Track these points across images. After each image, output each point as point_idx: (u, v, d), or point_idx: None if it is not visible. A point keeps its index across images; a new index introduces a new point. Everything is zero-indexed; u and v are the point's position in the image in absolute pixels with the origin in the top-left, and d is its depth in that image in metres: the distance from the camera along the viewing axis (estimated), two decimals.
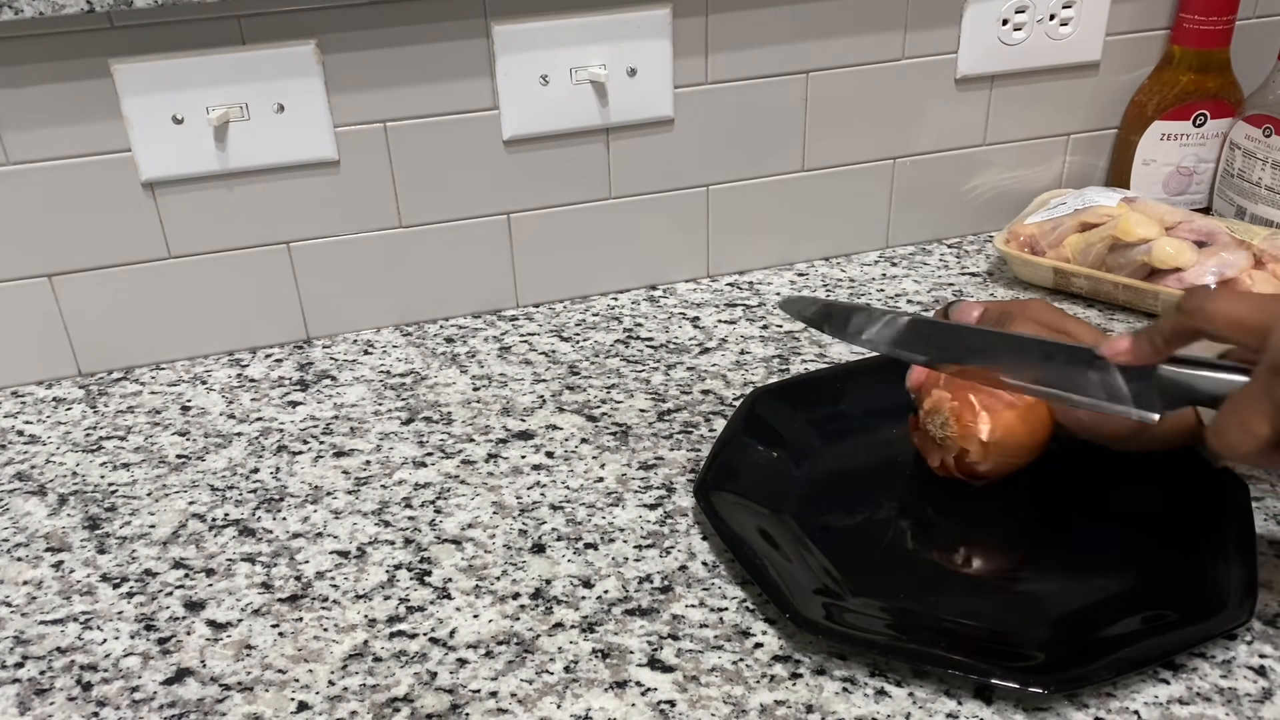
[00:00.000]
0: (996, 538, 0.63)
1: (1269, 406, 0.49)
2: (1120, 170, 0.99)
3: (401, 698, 0.53)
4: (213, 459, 0.72)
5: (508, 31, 0.79)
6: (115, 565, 0.63)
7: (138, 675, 0.55)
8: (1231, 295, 0.52)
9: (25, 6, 0.69)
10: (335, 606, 0.59)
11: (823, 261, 0.95)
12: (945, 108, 0.93)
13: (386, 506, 0.67)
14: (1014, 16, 0.90)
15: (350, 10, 0.76)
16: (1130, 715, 0.51)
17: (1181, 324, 0.53)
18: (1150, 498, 0.63)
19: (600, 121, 0.84)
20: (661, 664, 0.54)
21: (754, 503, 0.63)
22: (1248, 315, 0.50)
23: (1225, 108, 0.94)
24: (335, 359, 0.83)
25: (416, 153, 0.82)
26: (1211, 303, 0.51)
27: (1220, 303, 0.51)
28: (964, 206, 0.98)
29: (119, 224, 0.78)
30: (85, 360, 0.82)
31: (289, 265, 0.83)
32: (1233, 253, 0.82)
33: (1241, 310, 0.51)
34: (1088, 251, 0.86)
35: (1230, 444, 0.50)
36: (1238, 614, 0.53)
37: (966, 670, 0.51)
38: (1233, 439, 0.50)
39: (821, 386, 0.73)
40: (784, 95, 0.88)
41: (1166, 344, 0.54)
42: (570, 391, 0.78)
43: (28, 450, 0.74)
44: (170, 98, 0.75)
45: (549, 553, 0.62)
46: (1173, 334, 0.53)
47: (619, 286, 0.92)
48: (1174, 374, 0.54)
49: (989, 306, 0.65)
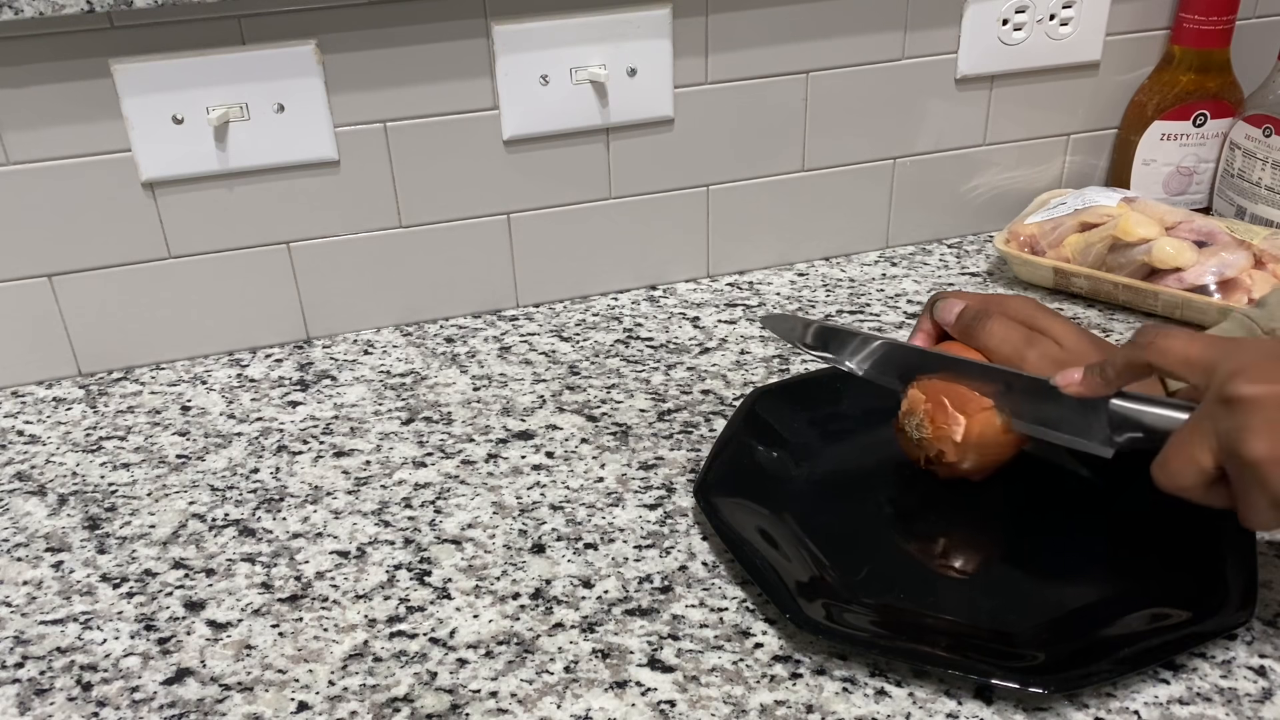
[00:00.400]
0: (997, 538, 0.63)
1: (1211, 438, 0.49)
2: (1120, 170, 0.99)
3: (401, 698, 0.53)
4: (213, 459, 0.72)
5: (508, 31, 0.79)
6: (115, 565, 0.63)
7: (138, 675, 0.55)
8: (1184, 334, 0.53)
9: (25, 6, 0.69)
10: (335, 606, 0.59)
11: (823, 261, 0.95)
12: (945, 108, 0.93)
13: (386, 506, 0.67)
14: (1014, 16, 0.90)
15: (350, 10, 0.76)
16: (1130, 715, 0.51)
17: (1134, 358, 0.53)
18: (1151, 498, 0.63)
19: (600, 121, 0.84)
20: (661, 664, 0.54)
21: (754, 503, 0.63)
22: (1197, 354, 0.51)
23: (1225, 108, 0.94)
24: (335, 359, 0.83)
25: (416, 153, 0.82)
26: (1164, 339, 0.52)
27: (1172, 340, 0.52)
28: (964, 206, 0.98)
29: (119, 224, 0.78)
30: (85, 360, 0.82)
31: (289, 265, 0.83)
32: (1233, 253, 0.82)
33: (1192, 349, 0.51)
34: (1088, 251, 0.86)
35: (1172, 475, 0.51)
36: (1238, 614, 0.53)
37: (966, 670, 0.51)
38: (1174, 469, 0.51)
39: (821, 386, 0.73)
40: (784, 95, 0.88)
41: (1118, 377, 0.55)
42: (570, 391, 0.78)
43: (28, 450, 0.74)
44: (170, 98, 0.75)
45: (549, 553, 0.62)
46: (1124, 367, 0.54)
47: (619, 286, 0.92)
48: (1123, 408, 0.55)
49: (970, 301, 0.65)
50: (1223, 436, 0.49)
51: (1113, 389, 0.55)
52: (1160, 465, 0.52)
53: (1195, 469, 0.50)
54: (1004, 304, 0.65)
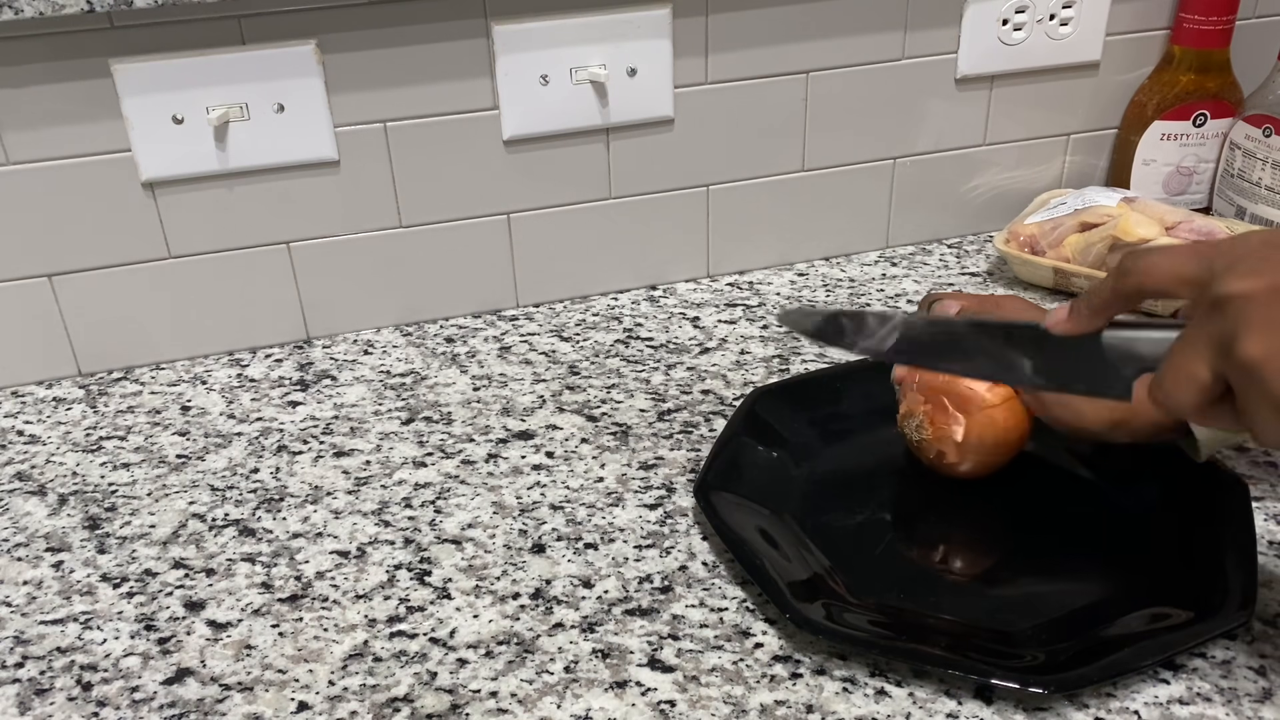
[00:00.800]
0: (996, 538, 0.63)
1: (1206, 348, 0.45)
2: (1120, 170, 0.99)
3: (401, 698, 0.53)
4: (213, 459, 0.72)
5: (508, 31, 0.79)
6: (115, 565, 0.63)
7: (138, 675, 0.55)
8: (1169, 250, 0.48)
9: (25, 6, 0.69)
10: (335, 606, 0.59)
11: (823, 261, 0.95)
12: (945, 108, 0.93)
13: (386, 506, 0.67)
14: (1014, 16, 0.90)
15: (350, 10, 0.76)
16: (1130, 715, 0.51)
17: (1121, 285, 0.49)
18: (1151, 497, 0.63)
19: (600, 121, 0.84)
20: (661, 664, 0.54)
21: (754, 503, 0.63)
22: (1186, 266, 0.47)
23: (1225, 108, 0.94)
24: (335, 359, 0.83)
25: (416, 153, 0.82)
26: (1149, 258, 0.48)
27: (1158, 257, 0.48)
28: (964, 206, 0.98)
29: (119, 224, 0.78)
30: (85, 360, 0.82)
31: (289, 265, 0.83)
32: None
33: (1179, 262, 0.47)
34: (1088, 251, 0.86)
35: (1169, 393, 0.46)
36: (1238, 614, 0.53)
37: (966, 670, 0.51)
38: (1170, 387, 0.46)
39: (821, 386, 0.73)
40: (784, 95, 0.88)
41: (1105, 306, 0.50)
42: (570, 391, 0.78)
43: (28, 450, 0.74)
44: (170, 98, 0.75)
45: (549, 553, 0.62)
46: (1112, 297, 0.50)
47: (619, 286, 0.92)
48: (1115, 339, 0.51)
49: (966, 303, 0.65)
50: (1217, 341, 0.44)
51: (1102, 320, 0.50)
52: (1156, 385, 0.47)
53: (1193, 385, 0.45)
54: (1000, 304, 0.65)
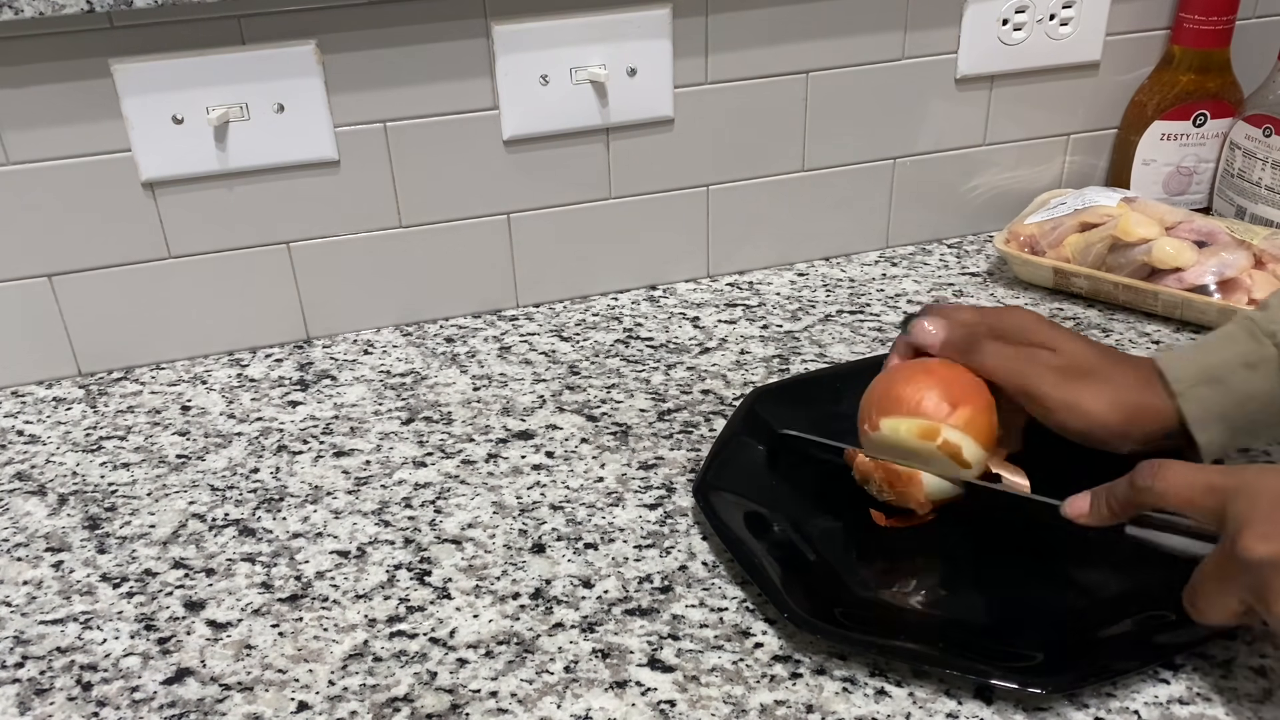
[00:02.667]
0: (996, 537, 0.63)
1: (1236, 588, 0.49)
2: (1120, 170, 0.99)
3: (401, 698, 0.53)
4: (213, 459, 0.72)
5: (508, 31, 0.79)
6: (115, 565, 0.63)
7: (138, 675, 0.55)
8: (1183, 472, 0.51)
9: (25, 6, 0.69)
10: (335, 606, 0.59)
11: (823, 261, 0.95)
12: (945, 108, 0.93)
13: (386, 506, 0.67)
14: (1014, 16, 0.90)
15: (350, 10, 0.76)
16: (1130, 715, 0.51)
17: (1139, 500, 0.53)
18: None
19: (600, 121, 0.84)
20: (661, 664, 0.54)
21: (754, 503, 0.63)
22: (1202, 500, 0.50)
23: (1225, 108, 0.94)
24: (335, 359, 0.83)
25: (416, 153, 0.82)
26: (1161, 482, 0.51)
27: (1170, 482, 0.51)
28: (964, 206, 0.98)
29: (119, 224, 0.78)
30: (85, 360, 0.82)
31: (289, 265, 0.83)
32: (1233, 253, 0.82)
33: (1195, 494, 0.50)
34: (1088, 251, 0.86)
35: (1203, 614, 0.51)
36: None
37: (966, 670, 0.51)
38: (1204, 611, 0.51)
39: (821, 386, 0.73)
40: (784, 95, 0.88)
41: (1123, 511, 0.54)
42: (570, 391, 0.78)
43: (28, 450, 0.74)
44: (170, 98, 0.75)
45: (549, 553, 0.62)
46: (1126, 504, 0.53)
47: (619, 286, 0.92)
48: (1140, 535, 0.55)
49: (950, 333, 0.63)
50: (1248, 591, 0.48)
51: (1118, 521, 0.54)
52: (1190, 603, 0.51)
53: (1226, 613, 0.50)
54: (1001, 321, 0.64)
